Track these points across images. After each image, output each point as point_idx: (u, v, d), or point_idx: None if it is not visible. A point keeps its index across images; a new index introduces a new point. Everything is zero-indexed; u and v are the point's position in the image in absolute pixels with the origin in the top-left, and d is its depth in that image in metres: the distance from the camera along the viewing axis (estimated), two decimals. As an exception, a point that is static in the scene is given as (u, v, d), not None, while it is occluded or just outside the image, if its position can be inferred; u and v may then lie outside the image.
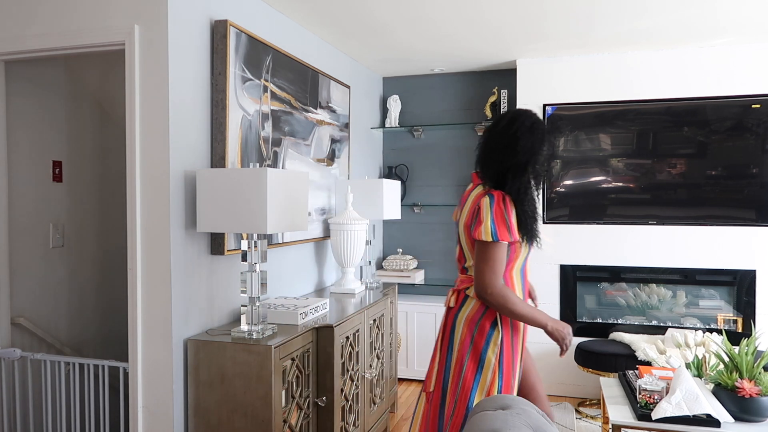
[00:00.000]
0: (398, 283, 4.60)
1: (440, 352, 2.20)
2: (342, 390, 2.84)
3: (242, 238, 2.43)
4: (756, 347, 2.53)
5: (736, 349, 2.50)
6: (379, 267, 4.84)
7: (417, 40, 3.84)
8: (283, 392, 2.43)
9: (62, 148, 3.16)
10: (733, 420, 2.33)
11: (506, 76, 4.59)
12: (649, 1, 3.10)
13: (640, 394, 2.47)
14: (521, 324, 2.19)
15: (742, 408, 2.32)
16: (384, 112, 4.93)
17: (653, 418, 2.36)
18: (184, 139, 2.46)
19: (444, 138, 4.82)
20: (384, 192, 3.73)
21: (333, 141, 3.81)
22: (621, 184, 4.14)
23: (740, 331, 3.95)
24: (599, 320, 4.24)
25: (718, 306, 4.04)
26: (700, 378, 2.77)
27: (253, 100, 2.86)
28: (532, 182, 2.12)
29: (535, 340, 4.29)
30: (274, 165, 3.09)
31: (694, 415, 2.31)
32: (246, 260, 2.43)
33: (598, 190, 4.18)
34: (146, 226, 2.41)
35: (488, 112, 4.56)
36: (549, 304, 4.27)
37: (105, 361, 2.62)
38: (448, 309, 2.21)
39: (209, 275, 2.63)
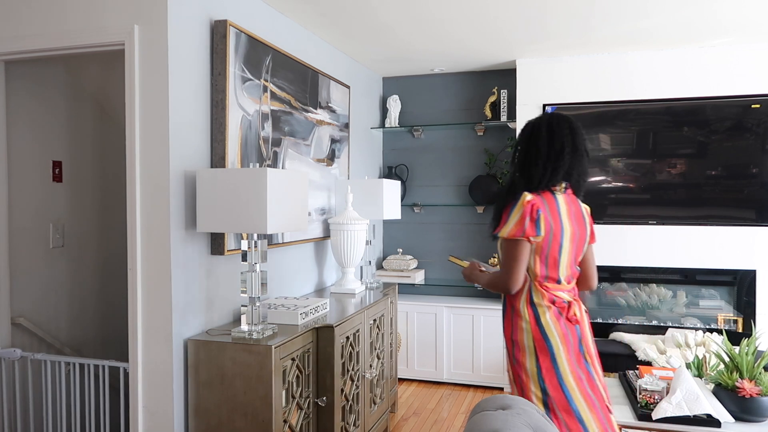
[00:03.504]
0: (398, 283, 4.60)
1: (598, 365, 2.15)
2: (342, 390, 2.84)
3: (242, 238, 2.43)
4: (756, 347, 2.53)
5: (737, 349, 2.50)
6: (379, 267, 4.84)
7: (417, 40, 3.83)
8: (283, 392, 2.43)
9: (62, 148, 3.16)
10: (733, 420, 2.33)
11: (506, 76, 4.59)
12: (649, 2, 3.10)
13: (640, 394, 2.47)
14: None
15: (742, 408, 2.32)
16: (384, 112, 4.93)
17: (653, 418, 2.35)
18: (184, 139, 2.46)
19: (444, 138, 4.82)
20: (384, 192, 3.73)
21: (333, 141, 3.81)
22: (621, 184, 4.14)
23: (740, 331, 3.95)
24: (599, 320, 4.24)
25: (719, 306, 4.04)
26: (701, 378, 2.77)
27: (253, 100, 2.86)
28: None
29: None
30: (274, 165, 3.09)
31: (694, 415, 2.31)
32: (246, 260, 2.43)
33: (598, 190, 4.18)
34: (146, 226, 2.41)
35: (488, 112, 4.55)
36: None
37: (105, 361, 2.62)
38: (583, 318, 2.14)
39: (209, 275, 2.63)
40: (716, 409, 2.36)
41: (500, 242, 2.11)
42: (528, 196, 2.05)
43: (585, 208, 2.26)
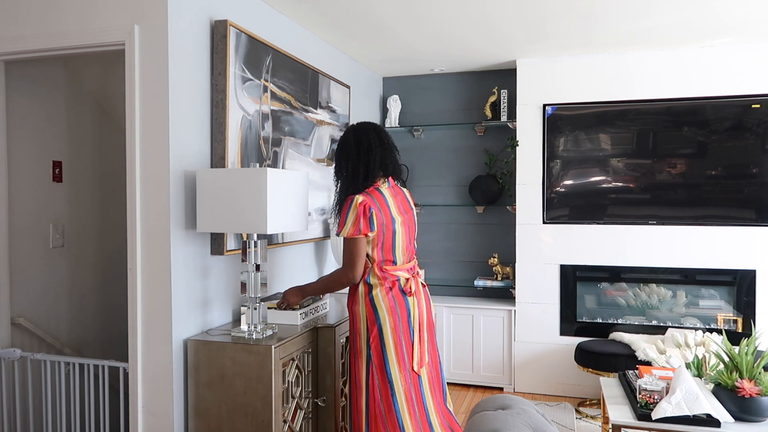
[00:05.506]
0: (398, 283, 4.60)
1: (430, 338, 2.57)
2: (342, 390, 2.84)
3: (242, 238, 2.43)
4: (756, 347, 2.53)
5: (736, 349, 2.50)
6: (379, 267, 4.83)
7: (417, 39, 3.84)
8: (283, 392, 2.43)
9: (62, 148, 3.16)
10: (733, 420, 2.33)
11: (506, 76, 4.59)
12: (650, 1, 3.10)
13: (640, 394, 2.47)
14: None
15: (742, 408, 2.32)
16: (384, 112, 4.93)
17: (653, 418, 2.36)
18: (184, 139, 2.46)
19: (444, 138, 4.82)
20: (384, 192, 3.72)
21: (333, 141, 3.81)
22: (621, 184, 4.14)
23: (740, 331, 3.95)
24: (599, 320, 4.24)
25: (718, 306, 4.04)
26: (700, 378, 2.77)
27: (253, 100, 2.86)
28: None
29: (530, 339, 4.29)
30: (274, 165, 3.09)
31: (694, 415, 2.31)
32: (246, 260, 2.43)
33: (598, 190, 4.18)
34: (146, 226, 2.41)
35: (488, 112, 4.55)
36: (549, 303, 4.27)
37: (105, 362, 2.62)
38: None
39: (209, 275, 2.63)
40: (716, 409, 2.36)
41: (343, 241, 2.42)
42: (359, 198, 2.36)
43: (407, 193, 2.67)
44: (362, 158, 2.44)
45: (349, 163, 2.46)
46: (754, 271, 3.90)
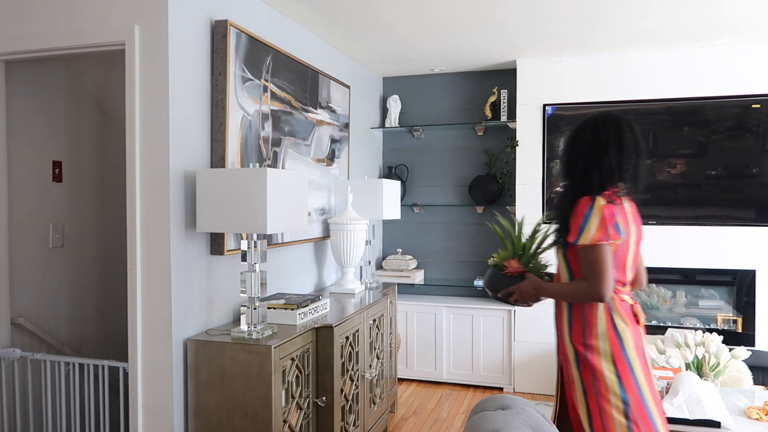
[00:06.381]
0: (398, 283, 4.60)
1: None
2: (342, 390, 2.84)
3: (242, 238, 2.43)
4: (544, 232, 2.33)
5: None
6: (379, 267, 4.84)
7: (418, 39, 3.83)
8: (283, 392, 2.43)
9: (62, 148, 3.16)
10: (734, 422, 2.33)
11: (506, 76, 4.59)
12: (652, 2, 3.10)
13: (639, 394, 2.48)
14: None
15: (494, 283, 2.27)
16: (384, 112, 4.93)
17: (653, 418, 2.36)
18: (184, 139, 2.46)
19: (444, 138, 4.82)
20: (384, 192, 3.73)
21: (333, 141, 3.81)
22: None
23: (740, 331, 3.95)
24: (599, 320, 4.24)
25: (718, 306, 4.04)
26: (701, 377, 2.77)
27: (253, 100, 2.86)
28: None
29: (530, 339, 4.29)
30: (274, 165, 3.09)
31: (693, 416, 2.32)
32: (246, 260, 2.43)
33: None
34: (146, 226, 2.41)
35: (488, 112, 4.55)
36: (548, 303, 4.25)
37: (105, 361, 2.62)
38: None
39: (209, 275, 2.63)
40: (717, 413, 2.35)
41: (579, 252, 2.04)
42: (601, 200, 2.09)
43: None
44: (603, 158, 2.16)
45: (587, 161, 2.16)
46: (754, 271, 3.89)
